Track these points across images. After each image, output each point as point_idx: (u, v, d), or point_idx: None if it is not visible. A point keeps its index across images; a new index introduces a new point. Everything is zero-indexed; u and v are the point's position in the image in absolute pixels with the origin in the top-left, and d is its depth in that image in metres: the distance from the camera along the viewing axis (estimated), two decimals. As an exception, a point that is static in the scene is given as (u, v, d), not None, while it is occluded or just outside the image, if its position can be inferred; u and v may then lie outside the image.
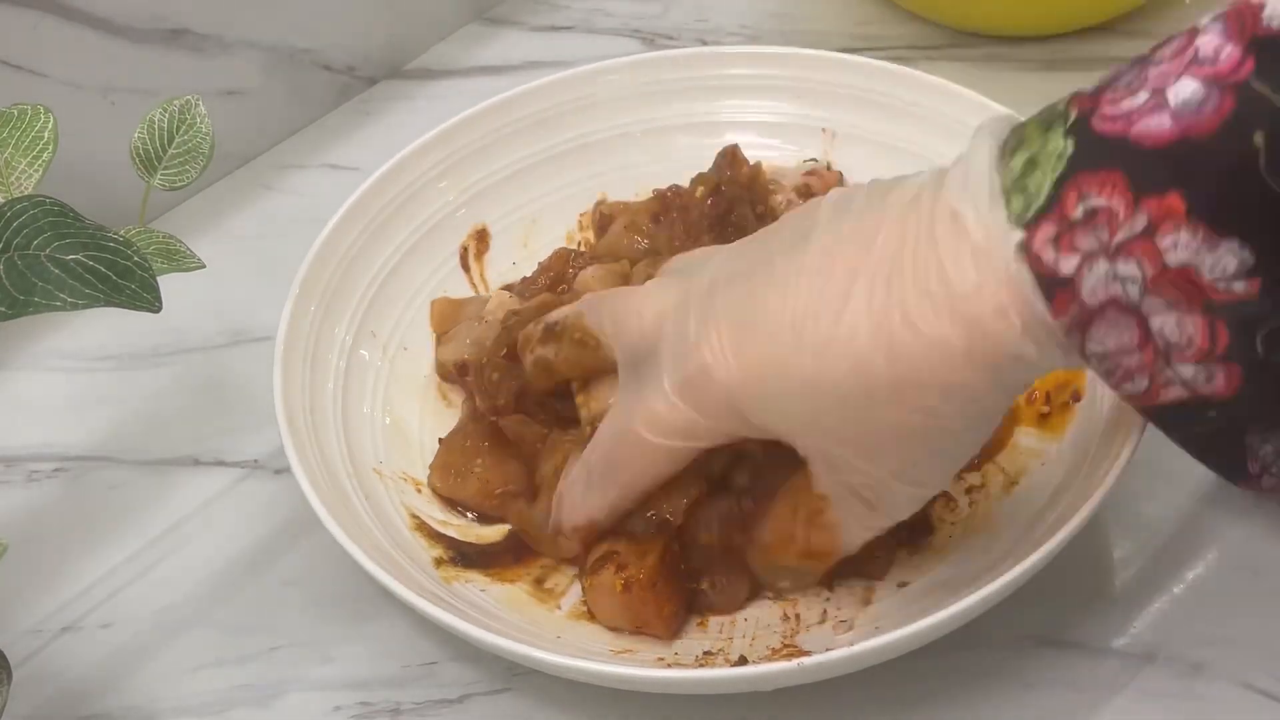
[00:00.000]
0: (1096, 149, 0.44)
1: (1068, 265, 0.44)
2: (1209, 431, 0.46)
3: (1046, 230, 0.44)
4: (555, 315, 0.59)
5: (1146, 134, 0.43)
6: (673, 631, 0.57)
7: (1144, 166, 0.43)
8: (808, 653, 0.53)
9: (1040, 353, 0.46)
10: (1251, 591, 0.59)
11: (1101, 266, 0.43)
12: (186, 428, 0.69)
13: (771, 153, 0.71)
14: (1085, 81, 0.46)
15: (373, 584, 0.61)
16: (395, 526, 0.60)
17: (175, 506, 0.66)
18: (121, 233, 0.51)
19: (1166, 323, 0.44)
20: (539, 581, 0.60)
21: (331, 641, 0.61)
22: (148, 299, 0.50)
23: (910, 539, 0.59)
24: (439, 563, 0.59)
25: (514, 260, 0.71)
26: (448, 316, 0.68)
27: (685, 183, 0.69)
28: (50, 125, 0.56)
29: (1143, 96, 0.43)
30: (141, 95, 0.74)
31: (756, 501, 0.56)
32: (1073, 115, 0.45)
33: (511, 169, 0.72)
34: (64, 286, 0.48)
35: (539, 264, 0.69)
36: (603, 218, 0.71)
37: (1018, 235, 0.44)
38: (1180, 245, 0.42)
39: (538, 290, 0.67)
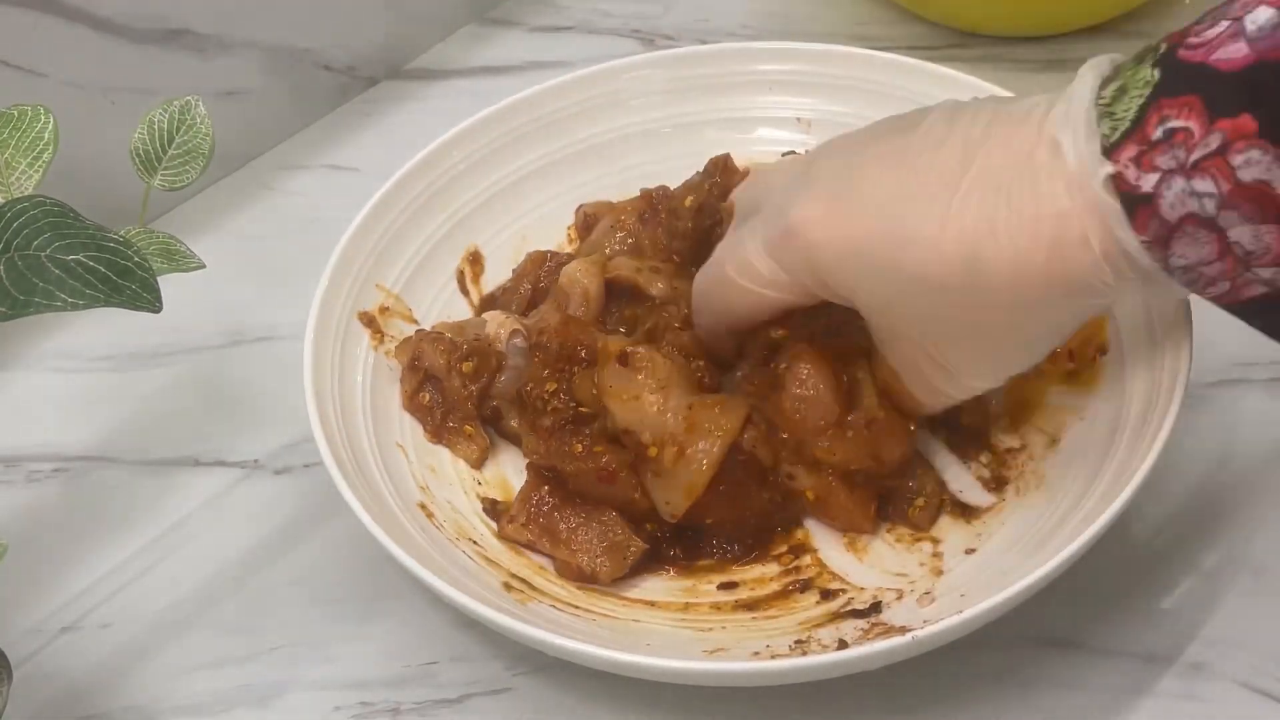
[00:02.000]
0: (1179, 76, 0.46)
1: (1148, 182, 0.46)
2: None
3: (1130, 150, 0.46)
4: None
5: (1224, 60, 0.45)
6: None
7: (1220, 90, 0.45)
8: (903, 630, 0.53)
9: (1117, 281, 0.48)
10: (1251, 591, 0.59)
11: (1179, 183, 0.45)
12: (186, 428, 0.69)
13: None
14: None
15: (372, 583, 0.62)
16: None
17: (175, 506, 0.66)
18: (121, 233, 0.51)
19: (1243, 234, 0.46)
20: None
21: (331, 641, 0.61)
22: (148, 299, 0.50)
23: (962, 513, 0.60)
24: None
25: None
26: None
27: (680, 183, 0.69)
28: (50, 125, 0.56)
29: (1224, 25, 0.45)
30: (141, 95, 0.74)
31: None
32: (1163, 48, 0.47)
33: (499, 185, 0.72)
34: (64, 287, 0.48)
35: (514, 270, 0.70)
36: (587, 218, 0.71)
37: (1109, 168, 0.46)
38: (1252, 162, 0.44)
39: (521, 299, 0.67)
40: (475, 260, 0.70)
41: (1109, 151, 0.46)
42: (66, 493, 0.67)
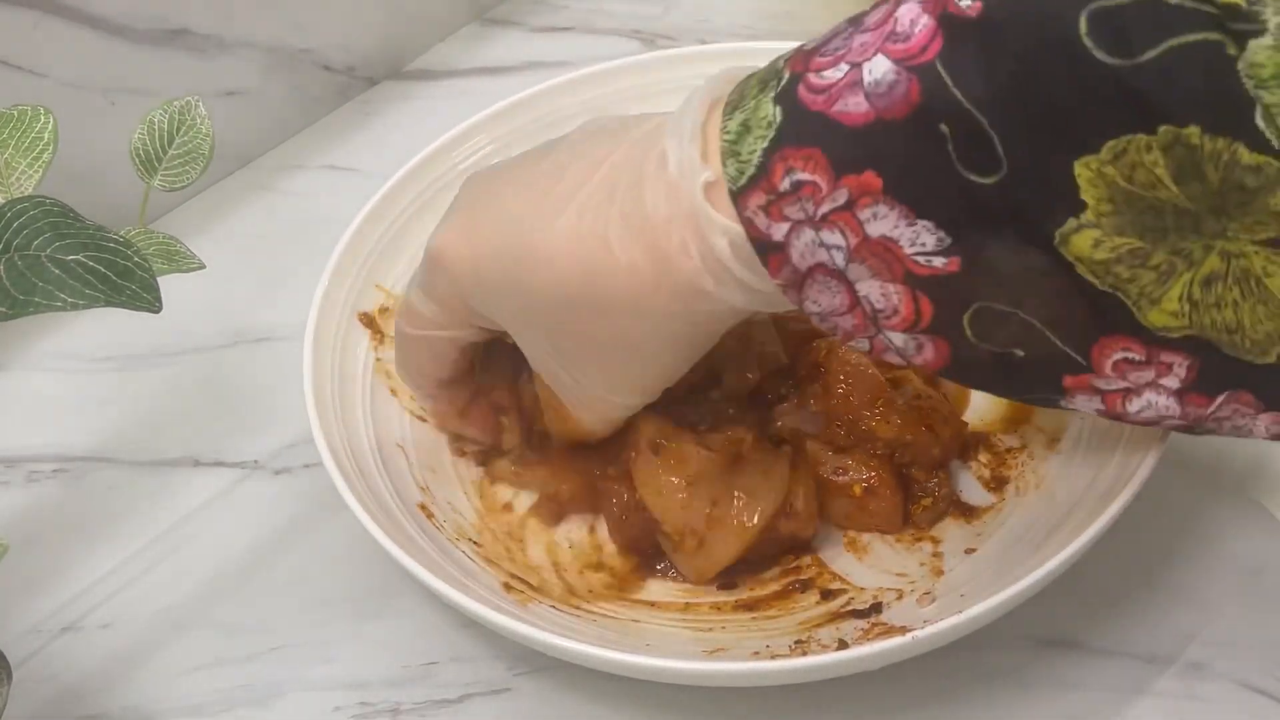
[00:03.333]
0: (802, 123, 0.45)
1: (779, 231, 0.46)
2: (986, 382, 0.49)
3: (758, 198, 0.46)
4: None
5: (844, 113, 0.44)
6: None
7: (842, 145, 0.44)
8: (903, 630, 0.53)
9: (718, 288, 0.48)
10: (1252, 591, 0.59)
11: (808, 234, 0.45)
12: (186, 428, 0.69)
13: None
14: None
15: (372, 583, 0.62)
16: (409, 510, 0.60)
17: (175, 506, 0.66)
18: (121, 233, 0.51)
19: (871, 289, 0.45)
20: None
21: (331, 641, 0.61)
22: (148, 299, 0.50)
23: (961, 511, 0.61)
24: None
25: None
26: None
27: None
28: (50, 125, 0.56)
29: (844, 69, 0.44)
30: (141, 95, 0.74)
31: None
32: (785, 76, 0.46)
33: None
34: (64, 287, 0.48)
35: None
36: None
37: (705, 174, 0.46)
38: (878, 217, 0.44)
39: None
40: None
41: (737, 196, 0.46)
42: (66, 493, 0.67)
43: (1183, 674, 0.57)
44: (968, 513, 0.61)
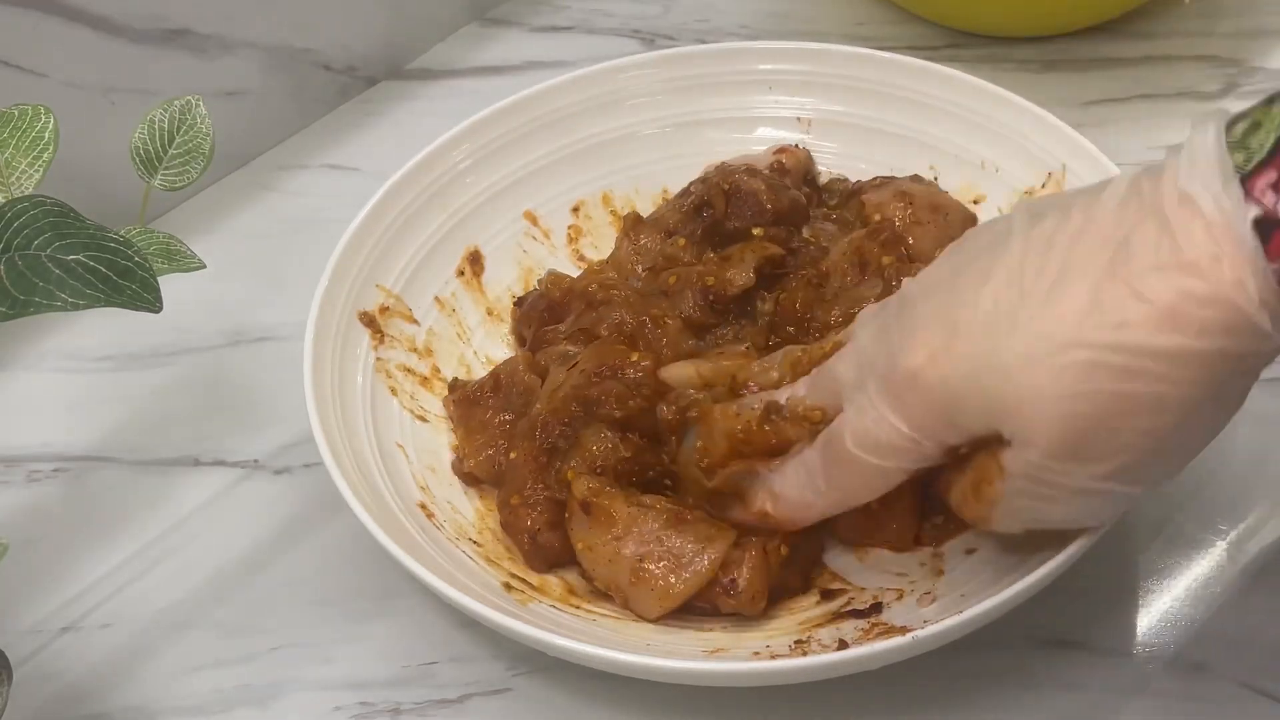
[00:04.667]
0: None
1: None
2: None
3: (1268, 177, 0.44)
4: (777, 396, 0.57)
5: None
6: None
7: None
8: (903, 630, 0.53)
9: (1275, 325, 0.46)
10: (1251, 591, 0.59)
11: None
12: (186, 428, 0.69)
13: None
14: (1084, 82, 0.46)
15: (372, 583, 0.62)
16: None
17: (175, 506, 0.66)
18: (122, 233, 0.51)
19: None
20: None
21: (331, 641, 0.61)
22: (148, 299, 0.50)
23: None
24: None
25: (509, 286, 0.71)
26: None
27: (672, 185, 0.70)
28: (50, 125, 0.56)
29: None
30: (141, 95, 0.74)
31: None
32: None
33: (499, 185, 0.72)
34: (64, 287, 0.48)
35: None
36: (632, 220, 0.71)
37: (1254, 210, 0.45)
38: None
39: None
40: (475, 260, 0.70)
41: (1245, 180, 0.45)
42: (66, 493, 0.67)
43: (1183, 674, 0.57)
44: None
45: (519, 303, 0.69)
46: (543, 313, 0.67)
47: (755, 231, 0.66)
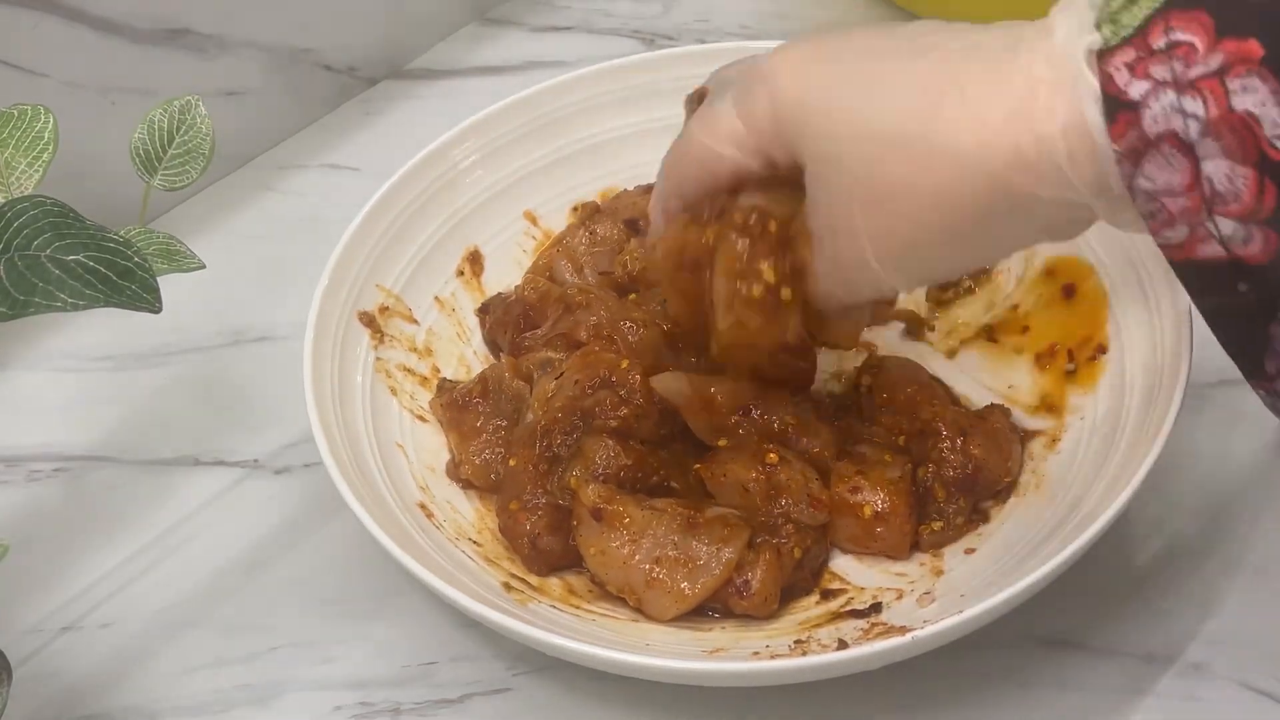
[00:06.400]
0: None
1: (1137, 90, 0.45)
2: (1235, 309, 0.46)
3: (1125, 54, 0.45)
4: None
5: None
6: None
7: (1233, 11, 0.44)
8: (903, 630, 0.53)
9: (1070, 166, 0.46)
10: (1251, 591, 0.59)
11: (1168, 97, 0.44)
12: (186, 428, 0.69)
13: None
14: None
15: (372, 583, 0.62)
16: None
17: (175, 506, 0.66)
18: (121, 233, 0.51)
19: (1218, 169, 0.44)
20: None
21: (331, 641, 0.61)
22: (148, 299, 0.50)
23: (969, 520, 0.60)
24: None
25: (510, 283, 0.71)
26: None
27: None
28: (50, 125, 0.56)
29: None
30: (141, 95, 0.74)
31: None
32: None
33: (499, 185, 0.72)
34: (64, 287, 0.48)
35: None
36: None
37: (1092, 38, 0.45)
38: (1248, 90, 0.43)
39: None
40: (475, 260, 0.70)
41: (1104, 55, 0.45)
42: (66, 493, 0.67)
43: (1183, 674, 0.57)
44: None
45: (484, 310, 0.69)
46: (518, 318, 0.67)
47: None
